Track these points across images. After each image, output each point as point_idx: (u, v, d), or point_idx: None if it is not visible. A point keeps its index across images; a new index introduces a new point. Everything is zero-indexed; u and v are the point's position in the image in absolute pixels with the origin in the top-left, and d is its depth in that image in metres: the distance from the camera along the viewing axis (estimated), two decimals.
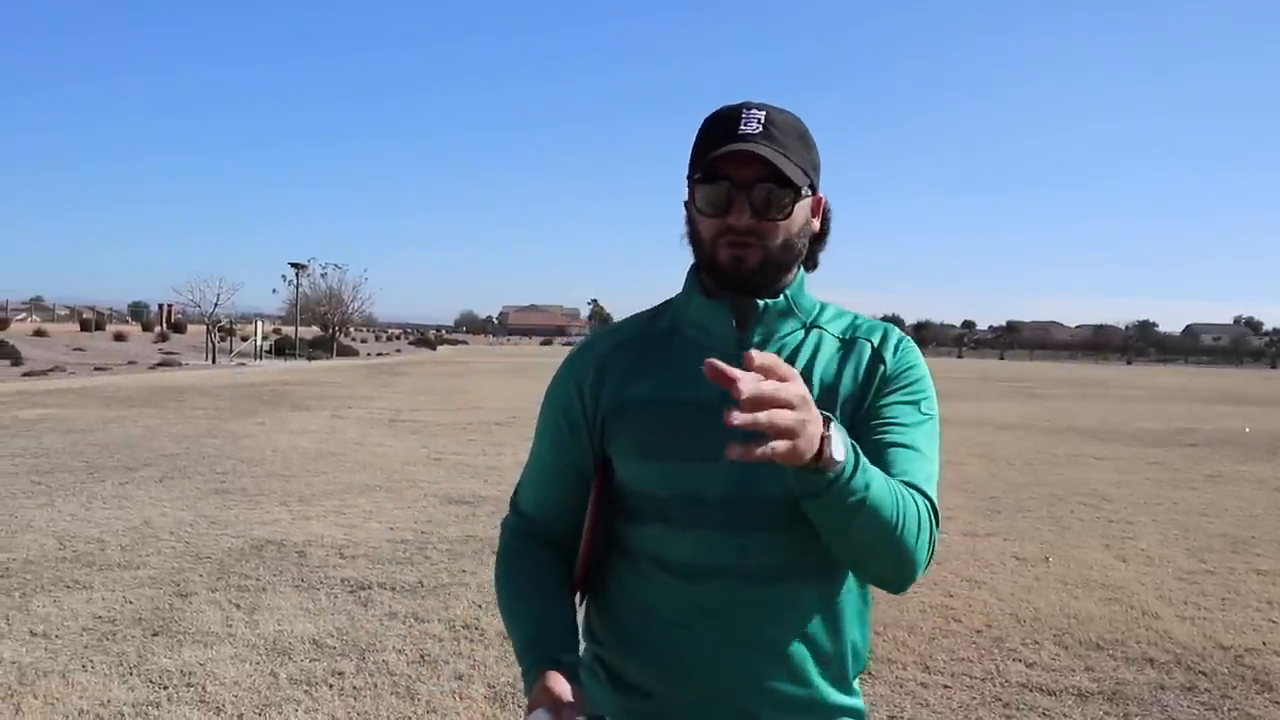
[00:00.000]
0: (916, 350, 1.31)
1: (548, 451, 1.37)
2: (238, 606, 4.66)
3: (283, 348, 41.89)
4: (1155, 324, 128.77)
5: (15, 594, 4.77)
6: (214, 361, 33.12)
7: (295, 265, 45.95)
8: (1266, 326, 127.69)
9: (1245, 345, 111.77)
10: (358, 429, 12.97)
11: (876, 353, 1.27)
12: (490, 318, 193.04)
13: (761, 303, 1.27)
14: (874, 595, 1.31)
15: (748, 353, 0.91)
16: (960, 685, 3.90)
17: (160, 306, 56.70)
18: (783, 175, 1.19)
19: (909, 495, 1.13)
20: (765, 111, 1.23)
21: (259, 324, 42.43)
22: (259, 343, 39.29)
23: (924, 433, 1.23)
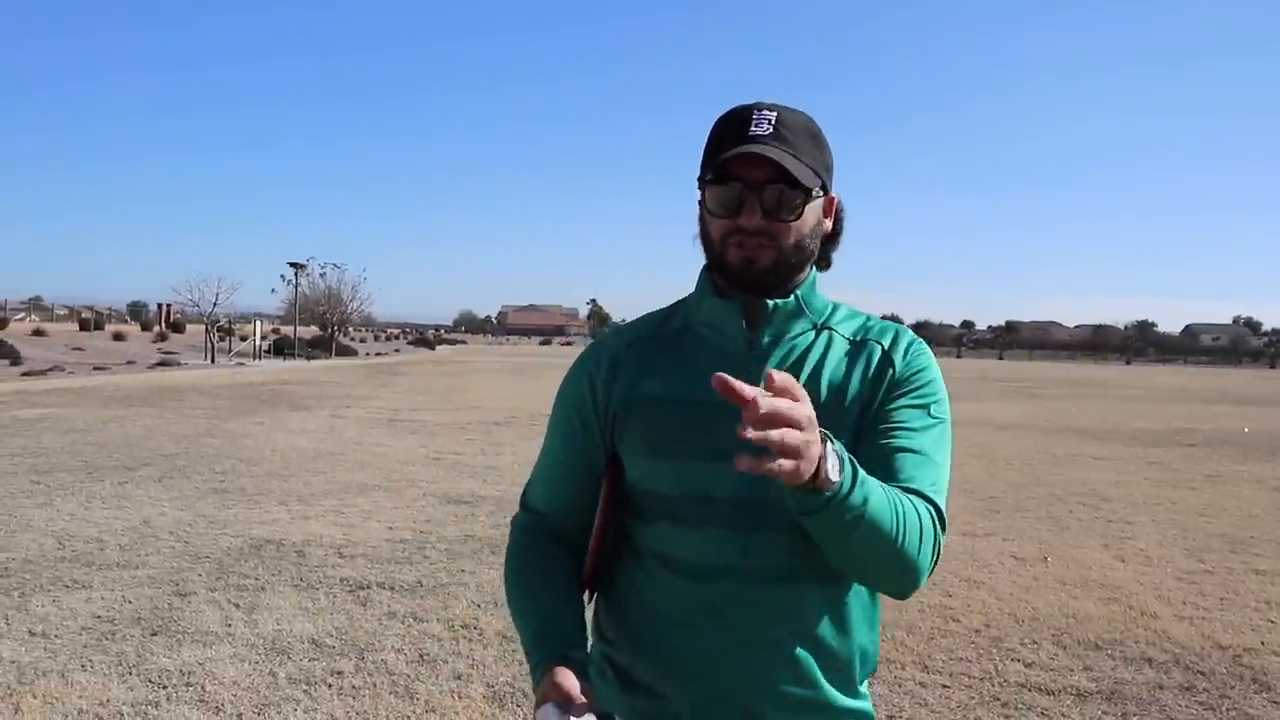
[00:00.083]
0: (929, 353, 1.30)
1: (559, 448, 1.37)
2: (237, 606, 4.66)
3: (281, 347, 41.89)
4: (1154, 324, 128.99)
5: (14, 593, 4.77)
6: (213, 361, 33.13)
7: (294, 265, 45.97)
8: (1265, 326, 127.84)
9: (1244, 345, 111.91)
10: (356, 429, 12.97)
11: (886, 355, 1.27)
12: (489, 317, 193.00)
13: (771, 303, 1.26)
14: (880, 597, 1.31)
15: (769, 371, 0.91)
16: (959, 685, 3.91)
17: (159, 306, 56.69)
18: (793, 176, 1.19)
19: (911, 505, 1.12)
20: (776, 112, 1.23)
21: (258, 324, 42.46)
22: (258, 342, 39.30)
23: (932, 437, 1.22)
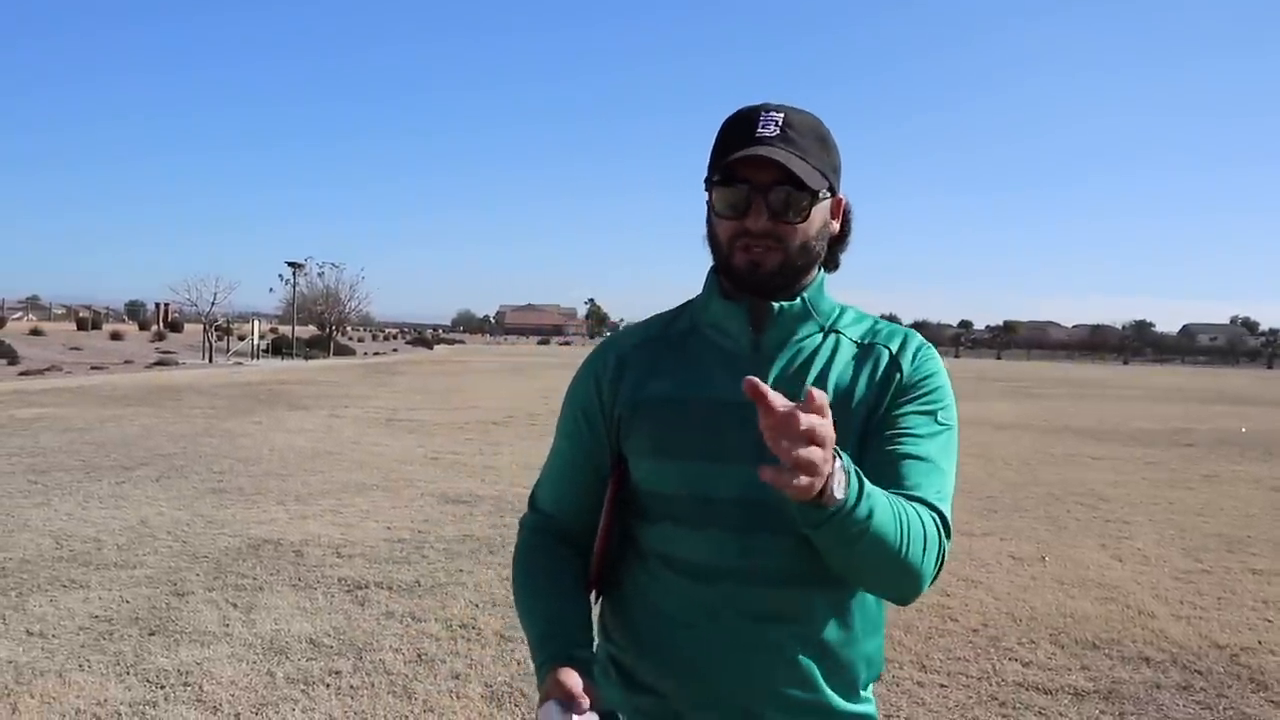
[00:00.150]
0: (937, 359, 1.29)
1: (567, 448, 1.37)
2: (234, 606, 4.66)
3: (280, 347, 41.87)
4: (1152, 324, 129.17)
5: (12, 593, 4.76)
6: (211, 361, 33.10)
7: (292, 264, 45.92)
8: (1263, 327, 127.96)
9: (1241, 345, 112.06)
10: (355, 428, 12.96)
11: (894, 360, 1.26)
12: (487, 317, 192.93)
13: (777, 306, 1.26)
14: (884, 601, 1.29)
15: (810, 390, 0.91)
16: (957, 684, 3.91)
17: (157, 306, 56.63)
18: (799, 179, 1.18)
19: (915, 515, 1.11)
20: (784, 114, 1.22)
21: (256, 323, 42.40)
22: (256, 342, 39.26)
23: (938, 444, 1.21)
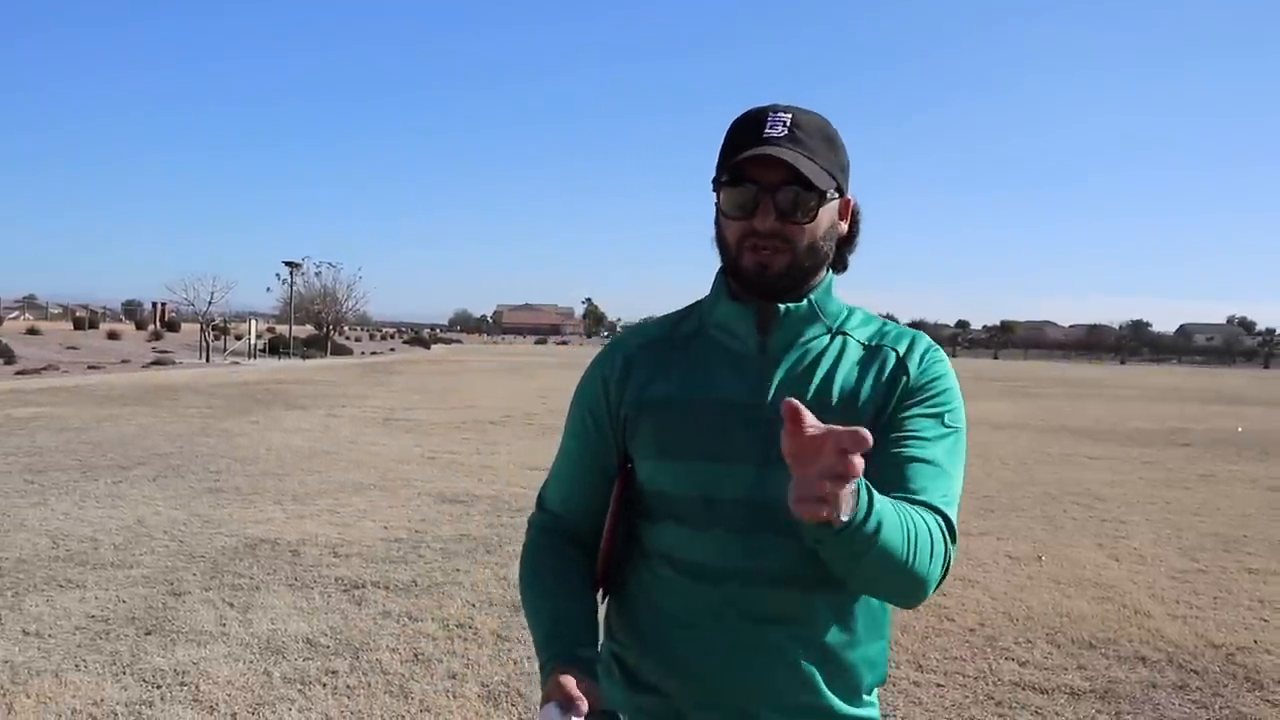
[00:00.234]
0: (945, 361, 1.28)
1: (574, 448, 1.38)
2: (231, 605, 4.66)
3: (277, 346, 41.82)
4: (1149, 324, 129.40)
5: (8, 593, 4.75)
6: (208, 360, 33.06)
7: (289, 264, 45.88)
8: (1259, 326, 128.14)
9: (1238, 345, 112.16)
10: (352, 428, 12.95)
11: (901, 362, 1.25)
12: (485, 317, 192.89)
13: (784, 307, 1.25)
14: (889, 606, 1.29)
15: (862, 432, 0.86)
16: (953, 684, 3.91)
17: (154, 305, 56.56)
18: (807, 178, 1.18)
19: (922, 522, 1.10)
20: (791, 114, 1.22)
21: (253, 323, 42.33)
22: (253, 341, 39.21)
23: (945, 447, 1.21)
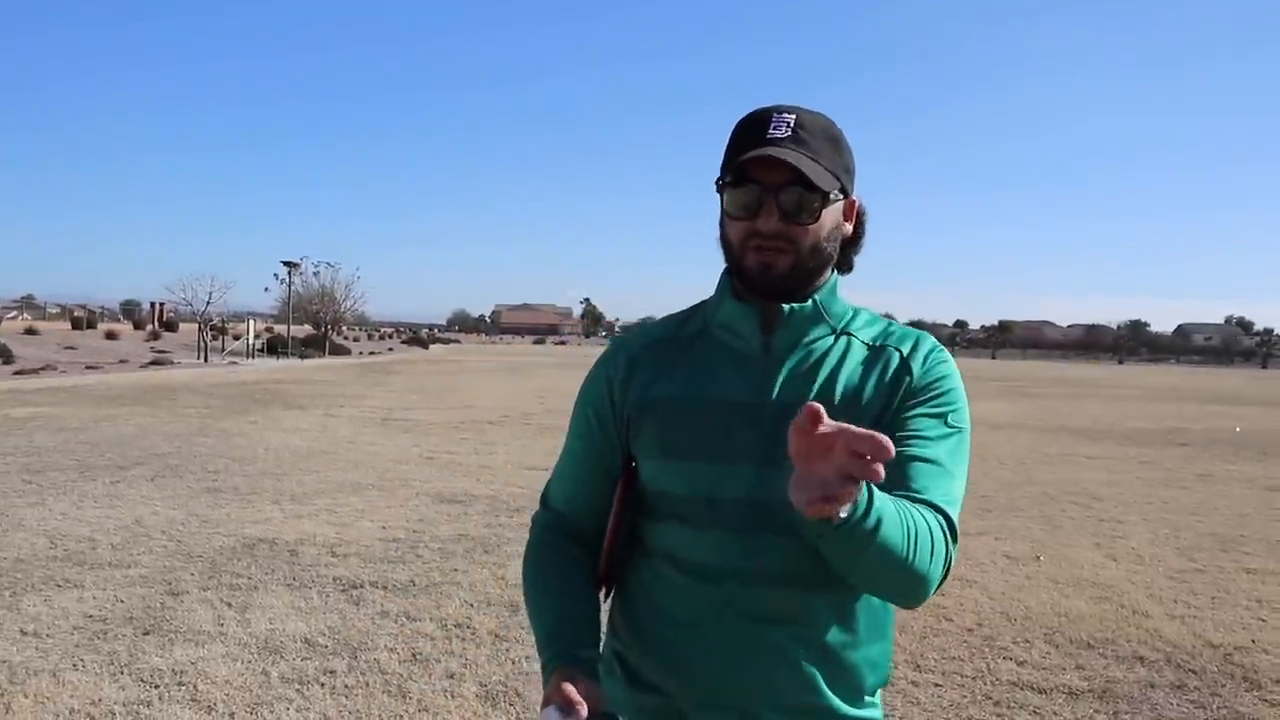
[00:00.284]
0: (950, 362, 1.28)
1: (579, 448, 1.38)
2: (229, 605, 4.66)
3: (275, 346, 41.80)
4: (1147, 324, 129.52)
5: (6, 593, 4.75)
6: (206, 360, 33.03)
7: (287, 264, 45.87)
8: (1257, 326, 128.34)
9: (1236, 345, 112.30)
10: (350, 427, 12.95)
11: (905, 362, 1.25)
12: (483, 316, 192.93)
13: (788, 307, 1.25)
14: (892, 607, 1.28)
15: (885, 442, 0.85)
16: (951, 684, 3.92)
17: (152, 305, 56.47)
18: (810, 179, 1.18)
19: (923, 520, 1.09)
20: (795, 115, 1.22)
21: (251, 322, 42.32)
22: (251, 341, 39.19)
23: (948, 447, 1.20)
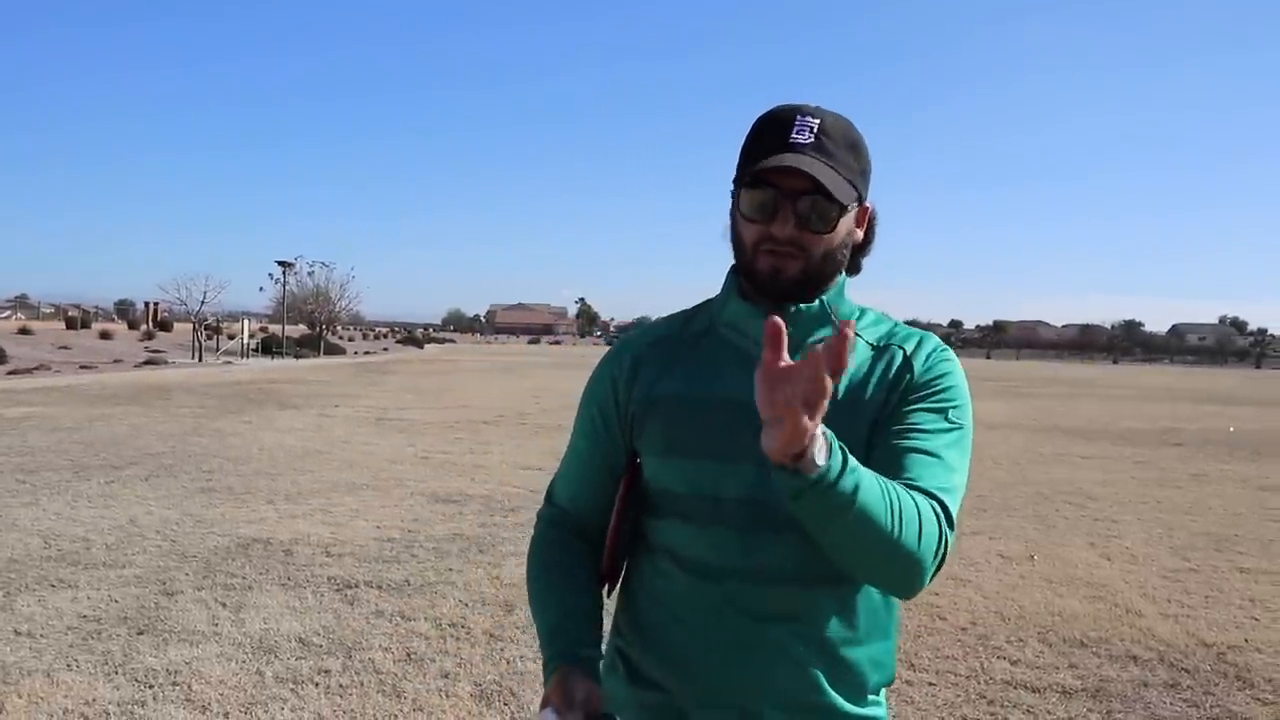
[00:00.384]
0: (953, 360, 1.29)
1: (584, 446, 1.38)
2: (224, 605, 4.65)
3: (270, 346, 41.72)
4: (1141, 324, 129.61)
5: (0, 593, 4.75)
6: (200, 360, 32.96)
7: (282, 264, 45.78)
8: (1251, 326, 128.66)
9: (1230, 345, 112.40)
10: (345, 427, 12.93)
11: (907, 360, 1.26)
12: (478, 316, 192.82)
13: (794, 307, 1.26)
14: (896, 605, 1.29)
15: (812, 349, 0.92)
16: (945, 683, 3.92)
17: (146, 305, 56.31)
18: (829, 190, 1.18)
19: (911, 499, 1.09)
20: (820, 119, 1.22)
21: (245, 322, 42.22)
22: (245, 341, 39.10)
23: (946, 441, 1.20)
